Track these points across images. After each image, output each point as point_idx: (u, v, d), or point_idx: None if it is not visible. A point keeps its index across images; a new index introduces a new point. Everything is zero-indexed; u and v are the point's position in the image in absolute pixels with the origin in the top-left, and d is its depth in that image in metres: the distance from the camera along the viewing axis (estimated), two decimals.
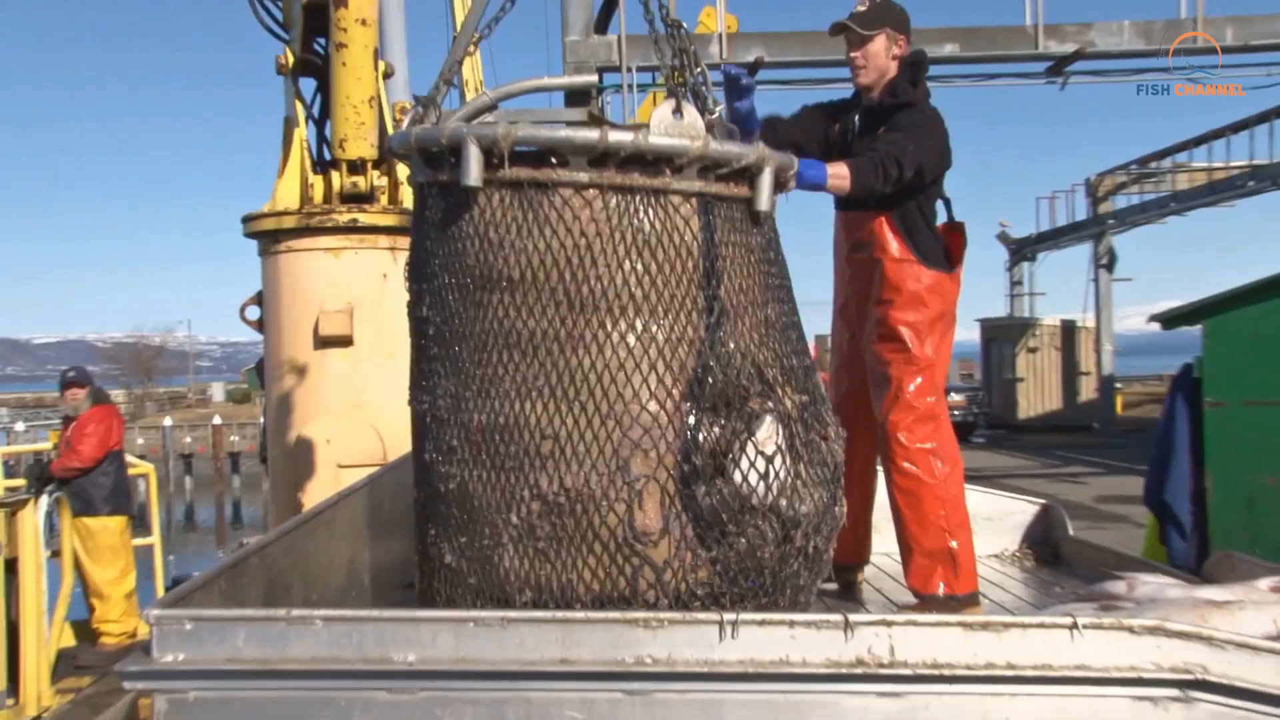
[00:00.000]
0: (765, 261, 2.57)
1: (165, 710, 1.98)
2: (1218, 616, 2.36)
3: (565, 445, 2.33)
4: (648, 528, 2.33)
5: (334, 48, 5.61)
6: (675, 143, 2.35)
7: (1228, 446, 5.67)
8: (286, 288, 5.90)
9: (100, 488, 7.85)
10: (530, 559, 2.37)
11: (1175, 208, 25.58)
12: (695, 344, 2.39)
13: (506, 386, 2.38)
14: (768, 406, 2.42)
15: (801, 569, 2.49)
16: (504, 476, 2.39)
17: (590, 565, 2.33)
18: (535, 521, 2.36)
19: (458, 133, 2.38)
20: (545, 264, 2.36)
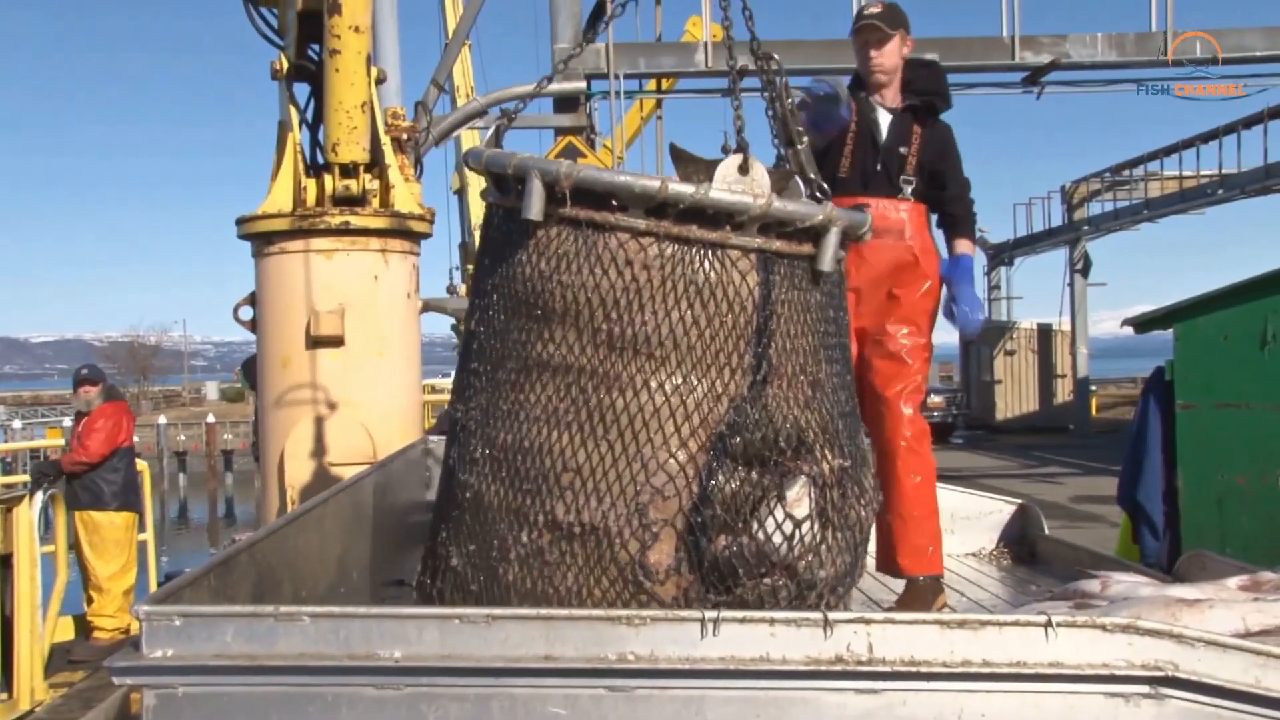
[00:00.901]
0: (823, 320, 2.52)
1: (154, 705, 2.01)
2: (1188, 615, 2.40)
3: (587, 479, 2.33)
4: (658, 566, 2.33)
5: (328, 53, 5.65)
6: (737, 199, 2.33)
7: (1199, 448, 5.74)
8: (279, 288, 5.93)
9: (110, 483, 7.92)
10: (534, 579, 2.39)
11: (1148, 214, 26.02)
12: (735, 400, 2.37)
13: (536, 412, 2.40)
14: (802, 468, 2.39)
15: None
16: (520, 497, 2.40)
17: (595, 596, 2.35)
18: (545, 545, 2.37)
19: (524, 166, 2.40)
20: (592, 302, 2.36)
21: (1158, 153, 25.93)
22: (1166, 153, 25.37)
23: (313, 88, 6.19)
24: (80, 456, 7.84)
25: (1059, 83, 16.48)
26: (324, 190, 5.94)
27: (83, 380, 8.25)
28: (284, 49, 6.11)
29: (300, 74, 6.14)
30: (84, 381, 8.23)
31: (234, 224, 6.12)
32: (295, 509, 3.18)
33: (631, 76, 14.34)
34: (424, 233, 6.29)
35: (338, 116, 5.76)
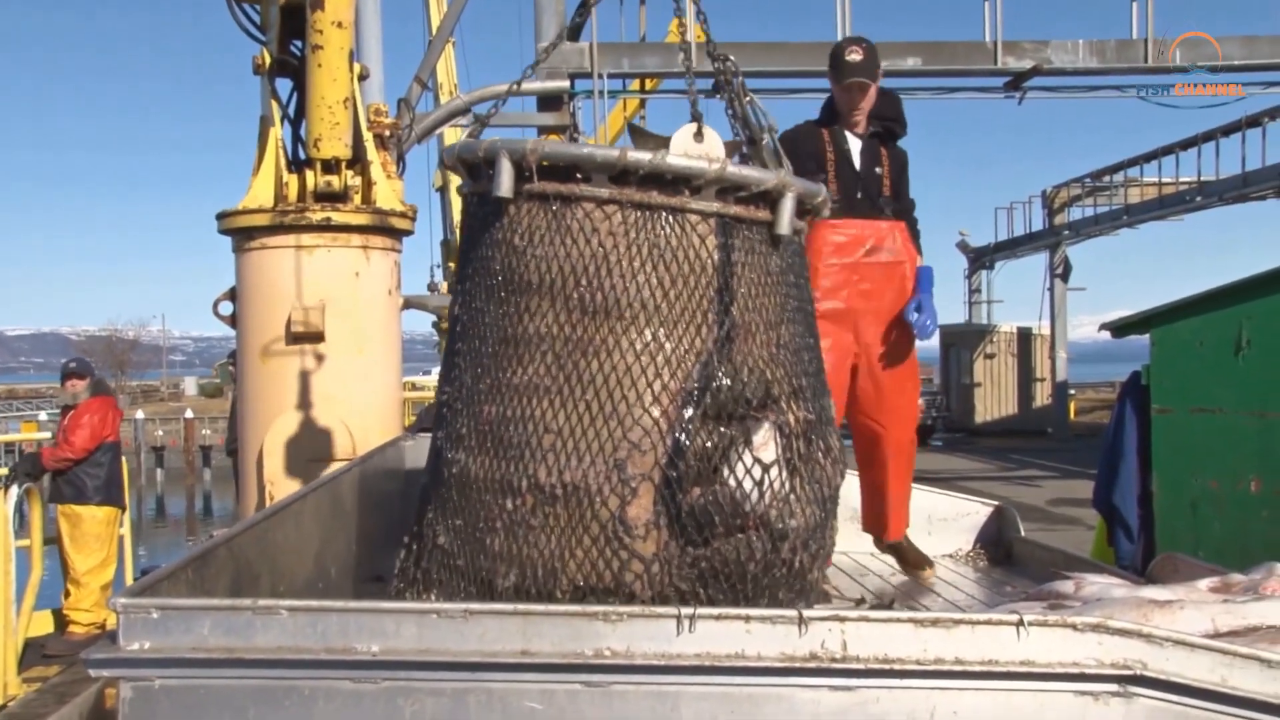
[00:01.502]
0: (784, 284, 2.62)
1: (130, 698, 2.01)
2: (1159, 615, 2.43)
3: (566, 440, 2.42)
4: (637, 521, 2.41)
5: (310, 49, 5.64)
6: (692, 164, 2.44)
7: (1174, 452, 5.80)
8: (260, 284, 5.92)
9: (93, 477, 7.87)
10: (519, 543, 2.46)
11: (1127, 220, 26.26)
12: (703, 356, 2.47)
13: (517, 382, 2.49)
14: (768, 416, 2.48)
15: (783, 581, 2.54)
16: (504, 465, 2.49)
17: (578, 555, 2.42)
18: (529, 510, 2.45)
19: (493, 147, 2.52)
20: (564, 271, 2.47)
21: (1138, 159, 26.13)
22: (1146, 159, 25.57)
23: (295, 83, 6.18)
24: (64, 453, 7.78)
25: (1041, 88, 16.59)
26: (305, 186, 5.93)
27: (70, 374, 8.19)
28: (266, 44, 6.09)
29: (283, 69, 6.13)
30: (71, 375, 8.17)
31: (214, 219, 6.10)
32: (274, 504, 3.18)
33: (615, 76, 14.34)
34: (406, 230, 6.28)
35: (320, 112, 5.75)
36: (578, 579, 2.42)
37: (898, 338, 3.93)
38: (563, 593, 2.42)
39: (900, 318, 3.91)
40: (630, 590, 2.41)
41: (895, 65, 15.55)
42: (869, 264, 3.87)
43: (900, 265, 3.91)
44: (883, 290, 3.89)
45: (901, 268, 3.91)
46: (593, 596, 2.41)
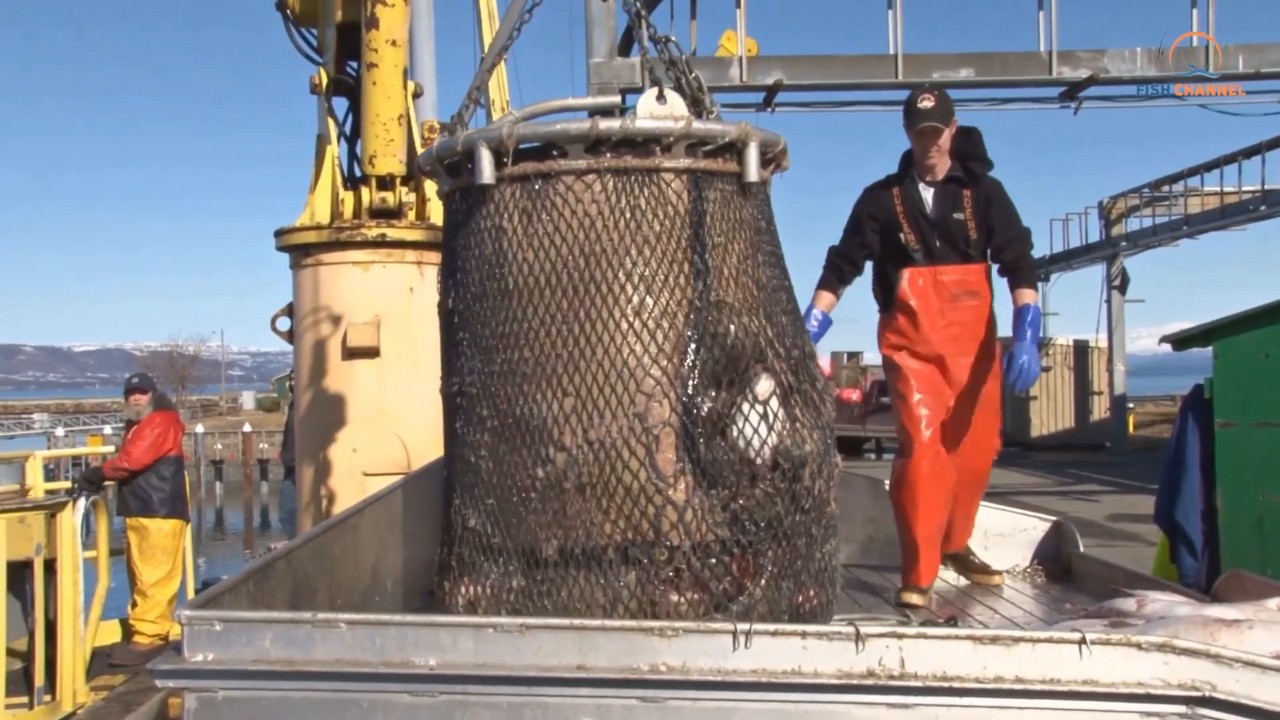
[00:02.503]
0: (756, 231, 2.78)
1: (195, 708, 2.05)
2: (1226, 635, 2.37)
3: (586, 401, 2.53)
4: (665, 469, 2.51)
5: (365, 68, 5.73)
6: (660, 125, 2.60)
7: (1238, 467, 5.65)
8: (316, 300, 6.01)
9: (159, 490, 8.01)
10: (556, 509, 2.54)
11: (1187, 230, 25.66)
12: (694, 304, 2.62)
13: (527, 356, 2.60)
14: (759, 368, 2.63)
15: (810, 516, 2.67)
16: (530, 437, 2.59)
17: (614, 511, 2.51)
18: (561, 473, 2.54)
19: (470, 139, 2.66)
20: (555, 245, 2.60)
21: (1198, 168, 25.63)
22: (1207, 168, 25.06)
23: (351, 102, 6.28)
24: (122, 463, 7.94)
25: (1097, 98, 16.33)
26: (361, 202, 6.02)
27: (133, 389, 8.36)
28: (323, 65, 6.20)
29: (339, 88, 6.24)
30: (134, 390, 8.34)
31: (272, 236, 6.20)
32: (331, 518, 3.22)
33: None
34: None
35: (375, 129, 5.83)
36: (616, 536, 2.50)
37: (981, 375, 4.02)
38: (606, 551, 2.50)
39: (983, 355, 4.03)
40: (670, 541, 2.49)
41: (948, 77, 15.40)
42: (955, 308, 3.97)
43: (982, 307, 4.00)
44: (970, 333, 3.99)
45: (984, 308, 4.00)
46: (636, 550, 2.50)
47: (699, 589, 2.53)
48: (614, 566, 2.51)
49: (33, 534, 6.63)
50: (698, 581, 2.53)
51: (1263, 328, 5.80)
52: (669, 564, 2.50)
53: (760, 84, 14.94)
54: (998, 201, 3.97)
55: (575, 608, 2.51)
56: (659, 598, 2.51)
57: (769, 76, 14.68)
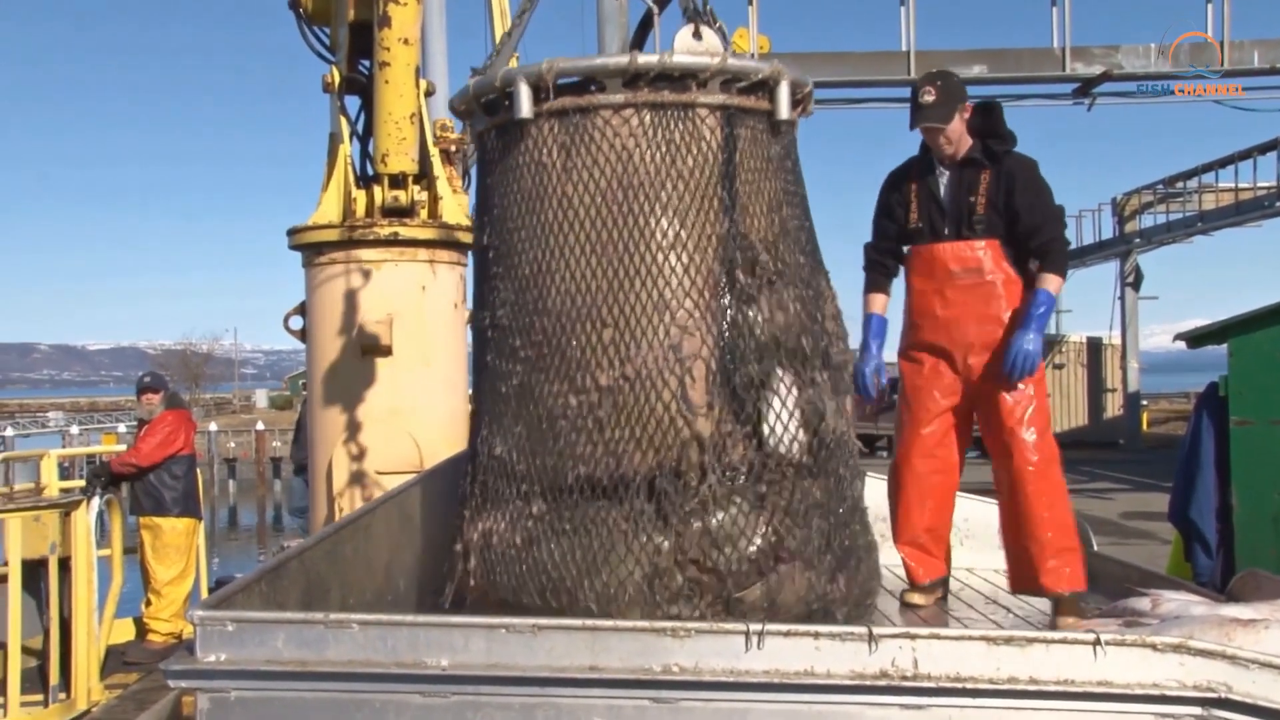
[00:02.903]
0: (782, 170, 2.85)
1: (208, 708, 2.05)
2: (1242, 635, 2.36)
3: (623, 332, 2.61)
4: (696, 401, 2.59)
5: (378, 66, 5.73)
6: (696, 60, 2.67)
7: (1254, 465, 5.61)
8: (329, 298, 6.01)
9: (171, 489, 8.03)
10: (586, 438, 2.61)
11: (1201, 227, 25.50)
12: (723, 238, 2.68)
13: (566, 286, 2.67)
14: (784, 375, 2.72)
15: (837, 454, 2.79)
16: (566, 367, 2.66)
17: (644, 440, 2.58)
18: (595, 402, 2.62)
19: (509, 74, 2.74)
20: (593, 178, 2.67)
21: (1213, 164, 25.47)
22: (1222, 164, 24.91)
23: (363, 100, 6.28)
24: (131, 459, 7.96)
25: (1111, 94, 16.25)
26: (373, 201, 6.02)
27: (145, 388, 8.39)
28: (335, 63, 6.20)
29: (351, 87, 6.24)
30: (146, 389, 8.36)
31: (285, 234, 6.21)
32: (343, 517, 3.22)
33: None
34: (471, 244, 6.34)
35: (387, 128, 5.83)
36: (646, 461, 2.57)
37: (998, 360, 3.65)
38: (634, 478, 2.57)
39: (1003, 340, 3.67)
40: (695, 471, 2.56)
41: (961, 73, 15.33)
42: (954, 286, 3.69)
43: (988, 285, 3.67)
44: (975, 315, 3.68)
45: (990, 287, 3.67)
46: (662, 479, 2.56)
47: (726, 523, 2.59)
48: (640, 494, 2.58)
49: (48, 532, 6.67)
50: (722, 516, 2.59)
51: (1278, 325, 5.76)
52: (694, 495, 2.57)
53: None
54: (1022, 182, 3.67)
55: (598, 534, 2.57)
56: (683, 529, 2.56)
57: None
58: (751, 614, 2.54)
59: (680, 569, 2.55)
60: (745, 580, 2.57)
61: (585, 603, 2.54)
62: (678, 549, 2.55)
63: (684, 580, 2.55)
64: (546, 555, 2.61)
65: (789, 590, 2.60)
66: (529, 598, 2.63)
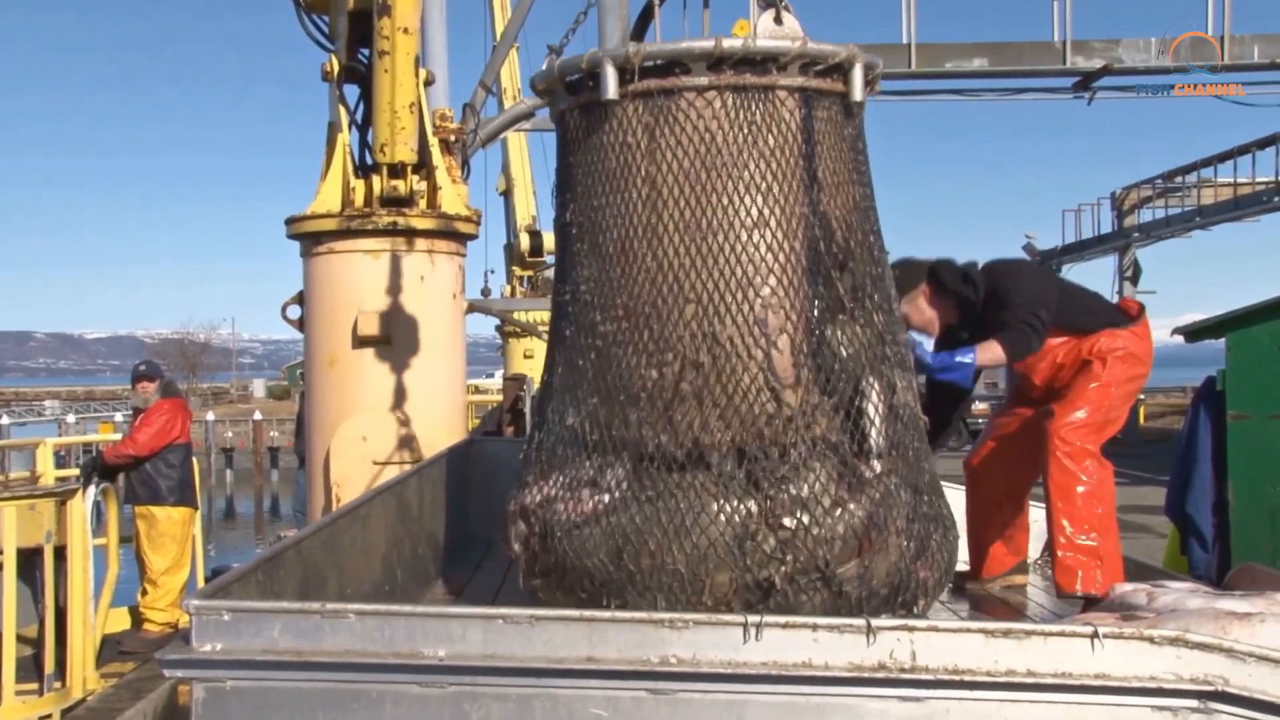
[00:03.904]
0: (854, 150, 2.96)
1: (203, 698, 2.05)
2: (1239, 628, 2.36)
3: (707, 306, 2.69)
4: (784, 371, 2.68)
5: (377, 55, 5.70)
6: (779, 44, 2.76)
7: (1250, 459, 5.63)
8: (327, 288, 6.00)
9: (167, 478, 8.01)
10: (670, 410, 2.69)
11: (1200, 222, 25.50)
12: (804, 216, 2.79)
13: (650, 263, 2.76)
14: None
15: (913, 424, 2.89)
16: (648, 341, 2.74)
17: (730, 411, 2.65)
18: (678, 375, 2.70)
19: (595, 57, 2.82)
20: (677, 158, 2.75)
21: (1212, 159, 25.46)
22: (1221, 159, 24.91)
23: (362, 90, 6.26)
24: (126, 449, 7.93)
25: (1111, 88, 16.23)
26: (372, 191, 6.00)
27: (141, 376, 8.35)
28: (335, 52, 6.18)
29: (350, 76, 6.21)
30: (142, 378, 8.33)
31: (284, 223, 6.20)
32: (341, 507, 3.22)
33: None
34: (470, 234, 6.32)
35: (386, 117, 5.81)
36: (729, 434, 2.64)
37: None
38: (722, 446, 2.64)
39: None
40: (784, 445, 2.64)
41: (961, 67, 15.32)
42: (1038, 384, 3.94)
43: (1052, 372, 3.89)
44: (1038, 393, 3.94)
45: (1053, 371, 3.88)
46: (751, 447, 2.63)
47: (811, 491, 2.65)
48: (728, 460, 2.65)
49: (43, 521, 6.65)
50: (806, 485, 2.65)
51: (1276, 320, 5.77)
52: (785, 463, 2.64)
53: None
54: (996, 291, 3.81)
55: (685, 498, 2.64)
56: (774, 493, 2.62)
57: None
58: (847, 586, 2.61)
59: (772, 531, 2.60)
60: (836, 551, 2.62)
61: (673, 565, 2.60)
62: (768, 512, 2.61)
63: (776, 543, 2.60)
64: (627, 520, 2.67)
65: (880, 563, 2.67)
66: (596, 561, 2.68)
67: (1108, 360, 3.80)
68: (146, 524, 8.01)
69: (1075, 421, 3.71)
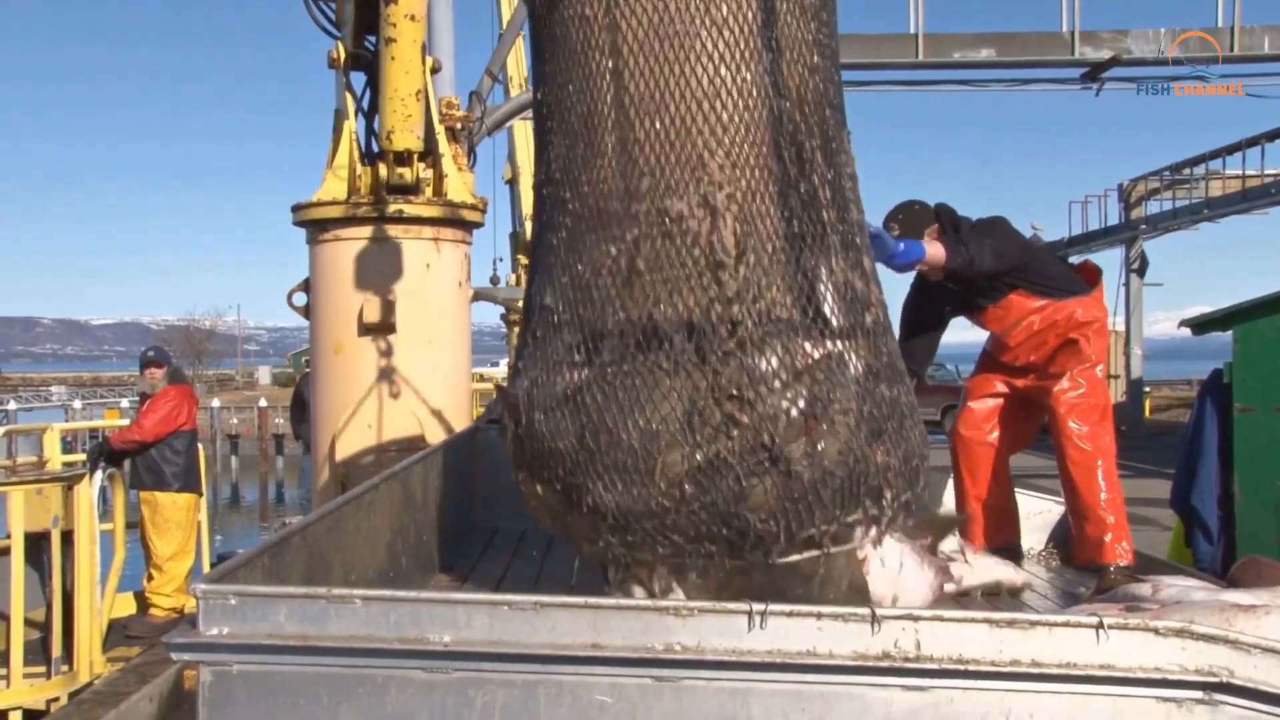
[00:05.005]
0: (817, 20, 2.88)
1: (210, 682, 2.05)
2: (1243, 620, 2.36)
3: (659, 180, 2.66)
4: (731, 248, 2.64)
5: (383, 42, 5.69)
6: None
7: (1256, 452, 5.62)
8: (332, 275, 6.01)
9: (172, 464, 8.04)
10: (625, 286, 2.68)
11: (1208, 214, 25.42)
12: (760, 86, 2.71)
13: (609, 138, 2.73)
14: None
15: (863, 304, 2.83)
16: (606, 216, 2.73)
17: (681, 286, 2.63)
18: (633, 250, 2.68)
19: None
20: (632, 28, 2.70)
21: (1220, 151, 25.39)
22: (1229, 151, 24.84)
23: (369, 77, 6.25)
24: (133, 434, 7.96)
25: (1119, 79, 16.17)
26: (378, 178, 5.99)
27: (149, 362, 8.38)
28: (341, 39, 6.17)
29: (357, 63, 6.20)
30: (150, 364, 8.36)
31: (289, 210, 6.20)
32: (346, 494, 3.22)
33: None
34: (476, 222, 6.32)
35: (393, 105, 5.81)
36: (683, 310, 2.62)
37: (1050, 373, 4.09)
38: (673, 322, 2.63)
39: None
40: (730, 321, 2.61)
41: (969, 57, 15.27)
42: (1007, 339, 4.13)
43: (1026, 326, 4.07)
44: (1025, 350, 4.11)
45: (1028, 326, 4.07)
46: (701, 321, 2.61)
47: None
48: (680, 336, 2.63)
49: (50, 506, 6.68)
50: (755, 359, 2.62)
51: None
52: (732, 337, 2.61)
53: None
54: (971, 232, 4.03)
55: (640, 375, 2.63)
56: (720, 367, 2.60)
57: None
58: (797, 466, 2.57)
59: (718, 405, 2.58)
60: (782, 428, 2.59)
61: (628, 441, 2.59)
62: (715, 386, 2.59)
63: (721, 416, 2.58)
64: (590, 400, 2.67)
65: (831, 444, 2.62)
66: (566, 442, 2.69)
67: (1090, 338, 4.05)
68: (151, 510, 8.04)
69: (1081, 405, 3.98)
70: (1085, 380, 4.01)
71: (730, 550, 2.63)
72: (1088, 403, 4.01)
